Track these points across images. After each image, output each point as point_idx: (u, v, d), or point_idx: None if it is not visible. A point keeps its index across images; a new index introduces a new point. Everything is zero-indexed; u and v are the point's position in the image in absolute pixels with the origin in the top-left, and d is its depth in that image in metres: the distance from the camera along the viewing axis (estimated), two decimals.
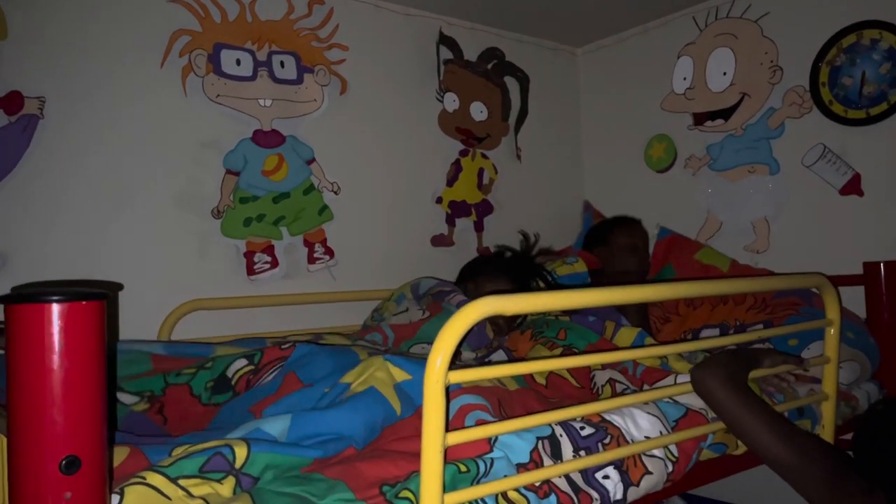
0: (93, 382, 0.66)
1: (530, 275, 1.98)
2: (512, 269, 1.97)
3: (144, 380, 1.17)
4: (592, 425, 1.08)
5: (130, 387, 1.16)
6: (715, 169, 2.33)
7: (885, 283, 1.76)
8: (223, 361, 1.17)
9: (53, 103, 1.65)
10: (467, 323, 0.85)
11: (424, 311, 1.66)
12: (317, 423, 0.96)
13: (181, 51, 1.84)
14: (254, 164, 1.94)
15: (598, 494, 1.01)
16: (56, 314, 0.64)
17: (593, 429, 1.07)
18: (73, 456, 0.63)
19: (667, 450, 1.14)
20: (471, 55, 2.45)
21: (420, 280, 1.86)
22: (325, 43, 2.10)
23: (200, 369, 1.17)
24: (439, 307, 1.67)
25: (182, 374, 1.16)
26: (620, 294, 1.08)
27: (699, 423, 1.20)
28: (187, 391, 1.16)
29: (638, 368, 1.35)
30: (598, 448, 1.05)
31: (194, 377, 1.17)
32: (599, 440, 1.06)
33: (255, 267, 1.93)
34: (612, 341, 1.46)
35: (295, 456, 0.91)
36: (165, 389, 1.16)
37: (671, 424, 1.17)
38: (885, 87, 1.91)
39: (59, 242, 1.65)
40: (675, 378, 1.28)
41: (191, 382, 1.16)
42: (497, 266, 1.98)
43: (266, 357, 1.19)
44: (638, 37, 2.57)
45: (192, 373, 1.16)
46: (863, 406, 1.63)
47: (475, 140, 2.44)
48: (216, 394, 1.15)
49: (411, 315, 1.66)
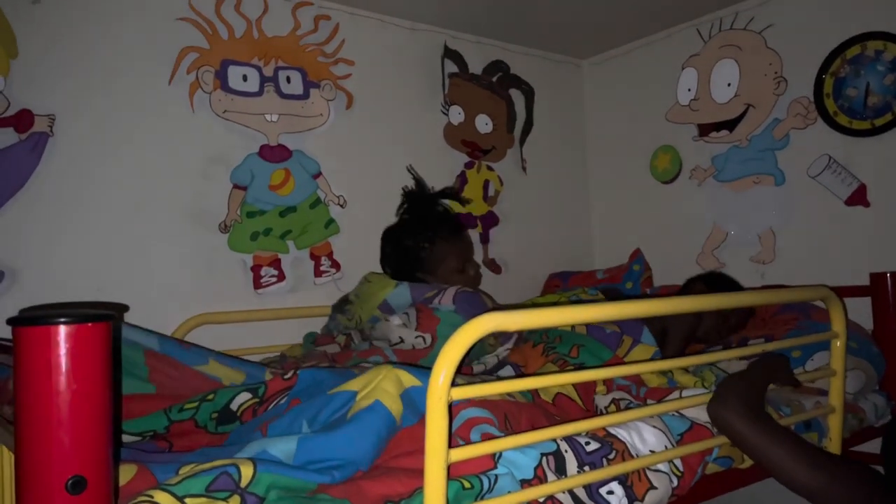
0: (99, 403, 0.66)
1: (436, 206, 1.97)
2: (429, 225, 1.90)
3: (145, 419, 1.16)
4: (598, 440, 1.08)
5: (131, 427, 1.15)
6: (720, 180, 2.33)
7: (893, 294, 1.76)
8: (225, 394, 1.17)
9: (63, 121, 1.67)
10: (471, 339, 0.86)
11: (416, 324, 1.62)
12: (323, 448, 0.96)
13: (189, 67, 1.86)
14: (260, 178, 1.96)
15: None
16: (63, 336, 0.65)
17: (598, 443, 1.07)
18: (80, 476, 0.64)
19: (672, 464, 1.14)
20: (476, 68, 2.46)
21: (384, 295, 1.77)
22: (331, 58, 2.12)
23: (203, 402, 1.16)
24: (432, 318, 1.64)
25: (185, 410, 1.15)
26: (622, 309, 1.08)
27: (704, 437, 1.20)
28: (192, 424, 1.15)
29: (641, 389, 1.34)
30: (602, 463, 1.05)
31: (198, 411, 1.16)
32: (604, 455, 1.06)
33: (262, 281, 1.95)
34: (626, 359, 1.44)
35: (301, 480, 0.91)
36: (169, 427, 1.15)
37: (676, 438, 1.17)
38: (889, 98, 1.91)
39: (67, 259, 1.66)
40: (680, 392, 1.28)
41: (195, 416, 1.16)
42: (419, 235, 1.89)
43: (270, 389, 1.18)
44: (643, 48, 2.58)
45: (194, 406, 1.16)
46: (870, 418, 1.62)
47: (480, 152, 2.45)
48: (222, 424, 1.15)
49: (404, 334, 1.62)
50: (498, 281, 2.46)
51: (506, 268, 2.49)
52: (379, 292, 1.78)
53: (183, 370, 1.29)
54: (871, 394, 1.69)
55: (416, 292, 1.75)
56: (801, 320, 1.78)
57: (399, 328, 1.62)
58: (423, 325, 1.63)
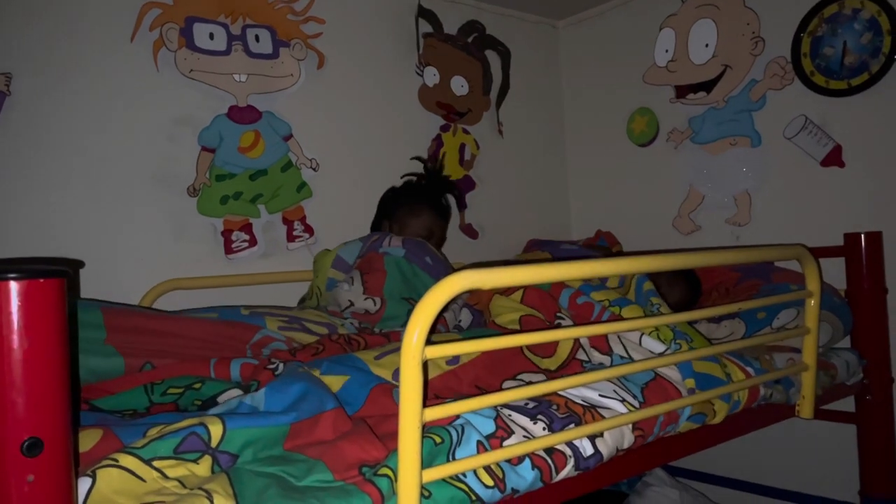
0: (54, 362, 0.63)
1: (442, 192, 2.10)
2: (425, 194, 2.04)
3: (121, 396, 1.13)
4: (535, 399, 1.06)
5: (105, 405, 1.12)
6: (697, 142, 2.32)
7: (866, 255, 1.77)
8: (213, 387, 1.15)
9: (21, 79, 1.60)
10: (444, 297, 0.84)
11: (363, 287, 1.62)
12: (289, 388, 0.97)
13: (152, 24, 1.79)
14: (230, 140, 1.90)
15: (570, 451, 1.00)
16: (14, 292, 0.62)
17: (536, 402, 1.06)
18: (35, 438, 0.61)
19: (627, 404, 1.11)
20: (451, 29, 2.41)
21: (335, 252, 1.80)
22: (301, 16, 2.05)
23: (188, 389, 1.14)
24: (379, 259, 1.65)
25: (167, 395, 1.12)
26: (595, 266, 1.06)
27: (667, 388, 1.19)
28: (174, 407, 1.13)
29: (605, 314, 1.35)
30: (552, 414, 1.03)
31: (181, 396, 1.14)
32: (547, 407, 1.05)
33: (233, 245, 1.90)
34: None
35: (270, 426, 0.90)
36: (150, 408, 1.12)
37: (640, 388, 1.16)
38: (866, 58, 1.90)
39: (27, 221, 1.61)
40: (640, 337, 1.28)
41: (178, 401, 1.13)
42: (411, 196, 2.03)
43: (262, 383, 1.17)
44: (619, 9, 2.54)
45: (179, 392, 1.13)
46: (842, 375, 1.64)
47: (456, 115, 2.41)
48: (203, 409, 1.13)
49: (352, 297, 1.61)
50: (475, 246, 2.44)
51: (483, 233, 2.47)
52: (330, 254, 1.80)
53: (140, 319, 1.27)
54: (843, 351, 1.71)
55: (366, 240, 1.80)
56: (763, 285, 1.79)
57: (346, 292, 1.61)
58: (369, 285, 1.62)
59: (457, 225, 2.39)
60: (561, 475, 1.00)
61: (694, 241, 2.34)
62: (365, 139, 2.18)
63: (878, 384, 1.77)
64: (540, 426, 1.00)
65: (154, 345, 1.27)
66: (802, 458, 2.08)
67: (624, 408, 1.10)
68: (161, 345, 1.28)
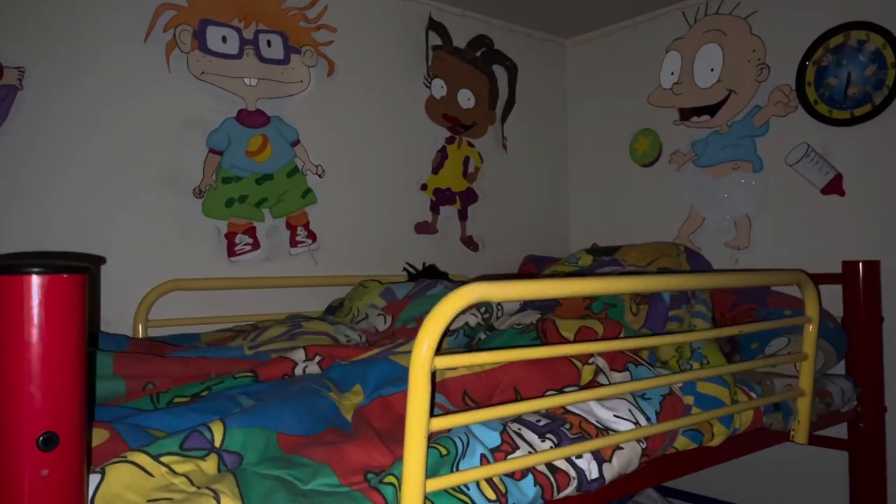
0: (73, 358, 0.64)
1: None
2: None
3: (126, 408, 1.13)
4: (549, 417, 1.07)
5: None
6: (699, 165, 2.34)
7: (864, 283, 1.78)
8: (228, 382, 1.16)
9: (33, 74, 1.61)
10: (455, 309, 0.84)
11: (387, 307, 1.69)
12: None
13: (166, 25, 1.80)
14: (237, 143, 1.91)
15: (575, 473, 1.01)
16: (36, 287, 0.62)
17: (549, 419, 1.06)
18: (51, 432, 0.62)
19: (637, 427, 1.12)
20: (460, 42, 2.43)
21: (388, 285, 1.85)
22: (313, 24, 2.07)
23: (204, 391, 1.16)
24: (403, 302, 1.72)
25: (173, 405, 1.13)
26: (608, 284, 1.08)
27: (679, 404, 1.20)
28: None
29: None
30: (562, 432, 1.04)
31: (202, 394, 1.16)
32: (560, 426, 1.05)
33: (235, 248, 1.91)
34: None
35: (263, 428, 0.91)
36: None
37: (658, 400, 1.17)
38: (869, 89, 1.93)
39: (36, 216, 1.61)
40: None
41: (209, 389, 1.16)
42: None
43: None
44: (627, 30, 2.57)
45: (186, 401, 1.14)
46: (837, 402, 1.65)
47: (462, 128, 2.43)
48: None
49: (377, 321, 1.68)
50: (475, 259, 2.45)
51: (483, 245, 2.48)
52: (382, 285, 1.85)
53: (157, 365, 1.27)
54: (838, 378, 1.73)
55: (419, 283, 1.82)
56: (758, 310, 1.80)
57: (380, 320, 1.68)
58: (391, 307, 1.69)
59: (458, 237, 2.40)
60: (563, 494, 1.00)
61: None
62: (371, 148, 2.19)
63: (871, 412, 1.78)
64: (547, 444, 1.00)
65: (156, 370, 1.26)
66: (794, 483, 2.08)
67: (642, 440, 1.11)
68: (163, 370, 1.27)
